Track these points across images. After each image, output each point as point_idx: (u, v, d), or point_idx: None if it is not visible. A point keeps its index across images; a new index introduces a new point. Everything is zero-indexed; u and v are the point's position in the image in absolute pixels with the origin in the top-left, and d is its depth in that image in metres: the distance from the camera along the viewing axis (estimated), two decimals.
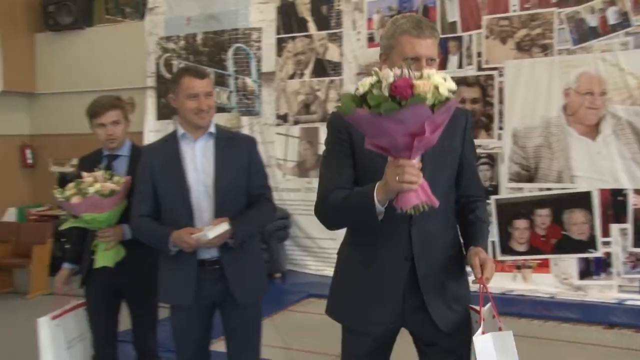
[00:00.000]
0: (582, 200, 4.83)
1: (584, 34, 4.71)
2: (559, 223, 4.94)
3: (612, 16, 4.58)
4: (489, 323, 1.90)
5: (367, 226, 2.02)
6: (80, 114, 2.99)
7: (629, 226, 4.72)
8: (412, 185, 1.76)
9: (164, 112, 6.40)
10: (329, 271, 2.31)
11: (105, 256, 2.76)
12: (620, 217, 4.76)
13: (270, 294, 2.88)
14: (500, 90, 5.03)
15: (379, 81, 1.68)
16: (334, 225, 2.12)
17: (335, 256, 2.18)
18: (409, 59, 1.99)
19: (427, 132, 1.68)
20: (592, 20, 4.64)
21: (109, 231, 2.74)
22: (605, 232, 4.79)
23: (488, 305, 1.92)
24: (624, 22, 4.54)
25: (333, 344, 2.30)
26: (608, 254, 4.80)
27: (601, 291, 4.80)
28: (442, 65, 5.23)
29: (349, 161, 2.08)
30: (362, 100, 1.70)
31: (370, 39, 5.56)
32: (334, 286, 2.20)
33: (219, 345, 2.82)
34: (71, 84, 7.12)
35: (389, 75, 1.66)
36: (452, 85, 1.69)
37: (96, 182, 2.66)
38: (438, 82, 1.66)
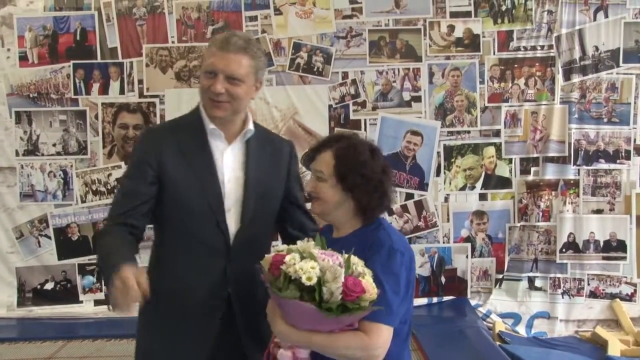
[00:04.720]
0: None
1: None
2: None
3: None
4: None
5: None
6: None
7: None
8: None
9: None
10: None
11: None
12: None
13: None
14: (162, 117, 5.15)
15: (320, 268, 1.52)
16: None
17: None
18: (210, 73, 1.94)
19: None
20: None
21: None
22: None
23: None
24: (268, 62, 5.12)
25: None
26: None
27: None
28: (104, 91, 5.15)
29: (146, 191, 1.92)
30: (306, 290, 1.52)
31: (23, 58, 5.16)
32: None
33: None
34: None
35: (338, 272, 1.51)
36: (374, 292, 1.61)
37: None
38: (370, 282, 1.59)
